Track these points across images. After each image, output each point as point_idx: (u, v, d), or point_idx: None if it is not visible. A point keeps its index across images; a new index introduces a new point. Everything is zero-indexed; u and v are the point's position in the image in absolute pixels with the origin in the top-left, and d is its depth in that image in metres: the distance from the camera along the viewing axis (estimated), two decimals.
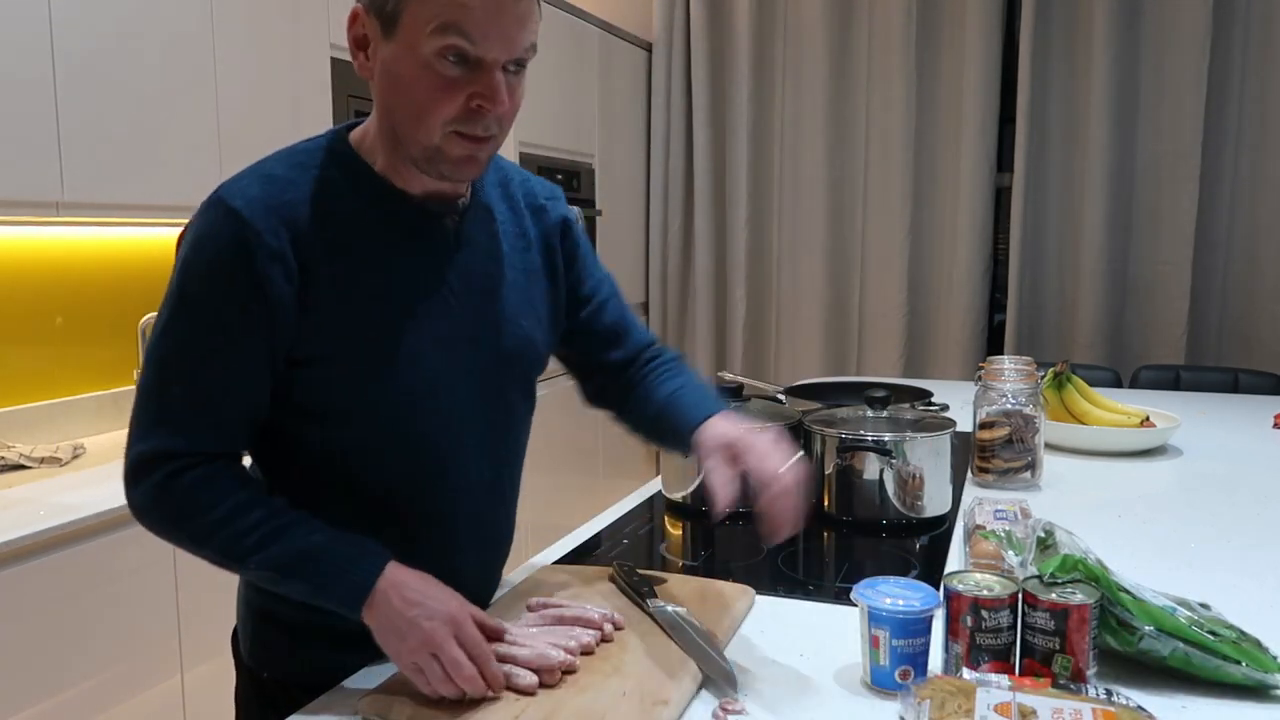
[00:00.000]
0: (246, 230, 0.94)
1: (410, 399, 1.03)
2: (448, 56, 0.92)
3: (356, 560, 0.97)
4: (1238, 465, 1.99)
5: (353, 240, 1.00)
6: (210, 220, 0.96)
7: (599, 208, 3.75)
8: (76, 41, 1.97)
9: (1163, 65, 3.57)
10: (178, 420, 0.98)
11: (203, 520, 0.97)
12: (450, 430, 1.07)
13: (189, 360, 0.97)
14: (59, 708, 1.72)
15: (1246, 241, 3.59)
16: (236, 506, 0.97)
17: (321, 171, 1.00)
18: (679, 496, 1.70)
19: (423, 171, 1.00)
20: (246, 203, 0.95)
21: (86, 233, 2.38)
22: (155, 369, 0.98)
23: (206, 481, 0.98)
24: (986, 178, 3.84)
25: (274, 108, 2.43)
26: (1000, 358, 1.88)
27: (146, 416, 0.98)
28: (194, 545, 0.99)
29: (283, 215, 0.96)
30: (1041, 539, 1.15)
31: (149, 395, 0.98)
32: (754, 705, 0.98)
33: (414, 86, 0.94)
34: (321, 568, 0.96)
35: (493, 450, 1.13)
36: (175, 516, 0.99)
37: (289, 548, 0.96)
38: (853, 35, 3.99)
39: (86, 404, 2.37)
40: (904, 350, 4.04)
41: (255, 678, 1.15)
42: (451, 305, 1.05)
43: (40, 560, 1.68)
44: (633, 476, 4.13)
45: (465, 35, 0.91)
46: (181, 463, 0.97)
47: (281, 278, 0.95)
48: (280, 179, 0.98)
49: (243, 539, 0.96)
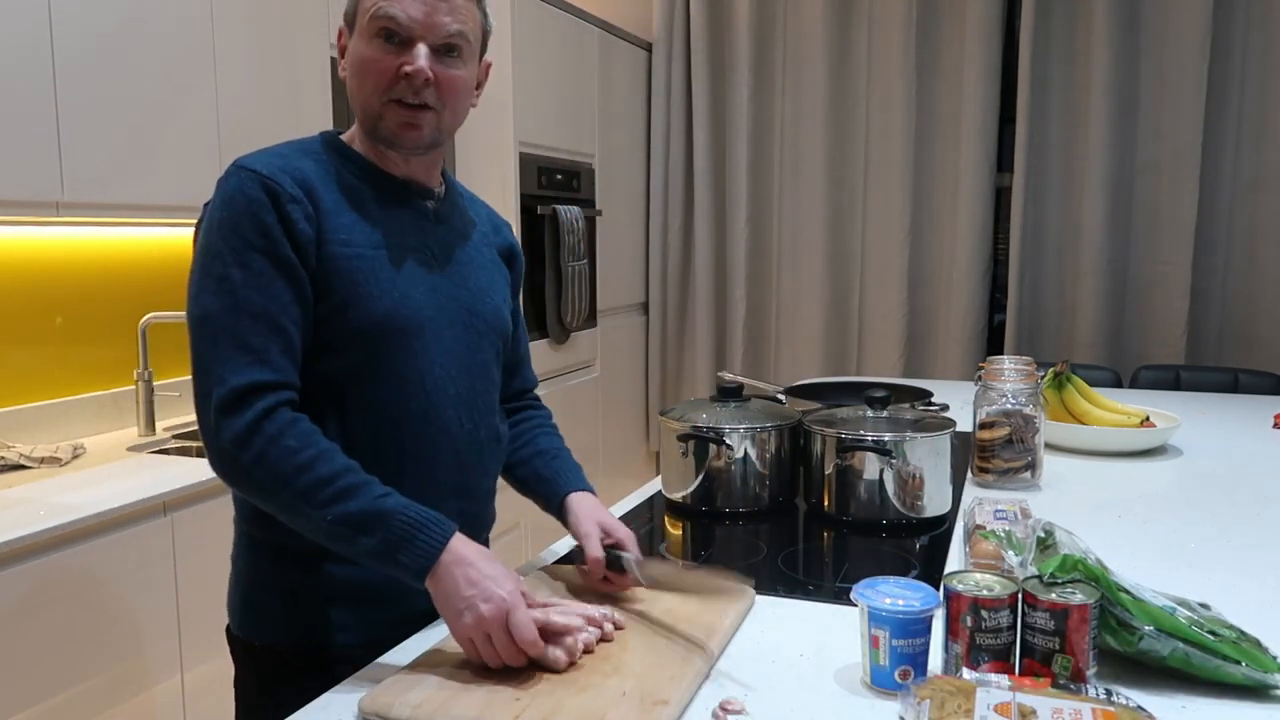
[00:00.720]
0: (269, 181, 1.09)
1: (400, 334, 1.14)
2: (380, 35, 1.11)
3: (426, 528, 1.03)
4: (1238, 465, 1.99)
5: (350, 203, 1.15)
6: (234, 182, 1.09)
7: (599, 208, 3.75)
8: (76, 41, 1.97)
9: (1163, 65, 3.57)
10: (258, 351, 1.05)
11: (292, 462, 1.03)
12: (434, 370, 1.18)
13: (253, 296, 1.06)
14: (59, 708, 1.72)
15: (1246, 241, 3.59)
16: (320, 454, 1.04)
17: (321, 156, 1.17)
18: (679, 496, 1.70)
19: (377, 143, 1.18)
20: (264, 165, 1.10)
21: (86, 233, 2.38)
22: (219, 315, 1.05)
23: (293, 425, 1.05)
24: (986, 178, 3.84)
25: (274, 108, 2.43)
26: (1000, 358, 1.88)
27: (223, 355, 1.05)
28: (279, 486, 1.03)
29: (294, 176, 1.11)
30: (1041, 539, 1.15)
31: (218, 338, 1.05)
32: (754, 705, 0.98)
33: (360, 66, 1.14)
34: (394, 530, 1.02)
35: (470, 401, 1.23)
36: (270, 455, 1.03)
37: (366, 504, 1.03)
38: (853, 35, 3.99)
39: (86, 404, 2.37)
40: (904, 350, 4.04)
41: (248, 649, 1.20)
42: (431, 265, 1.20)
43: (40, 560, 1.68)
44: (633, 476, 4.13)
45: (394, 20, 1.11)
46: (273, 397, 1.05)
47: (303, 219, 1.09)
48: (288, 155, 1.14)
49: (326, 487, 1.03)
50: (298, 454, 1.03)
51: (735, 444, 1.64)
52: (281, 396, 1.06)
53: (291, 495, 1.03)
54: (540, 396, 1.50)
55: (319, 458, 1.04)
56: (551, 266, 3.36)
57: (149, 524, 1.88)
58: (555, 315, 3.41)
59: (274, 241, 1.07)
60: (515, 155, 3.14)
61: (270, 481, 1.03)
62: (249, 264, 1.06)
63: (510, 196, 3.14)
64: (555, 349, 3.47)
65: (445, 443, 1.19)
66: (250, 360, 1.05)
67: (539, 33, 3.29)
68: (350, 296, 1.11)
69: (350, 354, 1.12)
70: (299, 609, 1.16)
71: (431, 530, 1.04)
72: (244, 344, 1.05)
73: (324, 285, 1.11)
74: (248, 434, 1.03)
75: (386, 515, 1.03)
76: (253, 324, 1.05)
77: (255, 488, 1.05)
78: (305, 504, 1.03)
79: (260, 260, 1.07)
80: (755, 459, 1.66)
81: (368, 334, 1.12)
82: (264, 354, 1.05)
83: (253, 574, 1.19)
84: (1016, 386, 1.80)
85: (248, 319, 1.05)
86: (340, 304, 1.11)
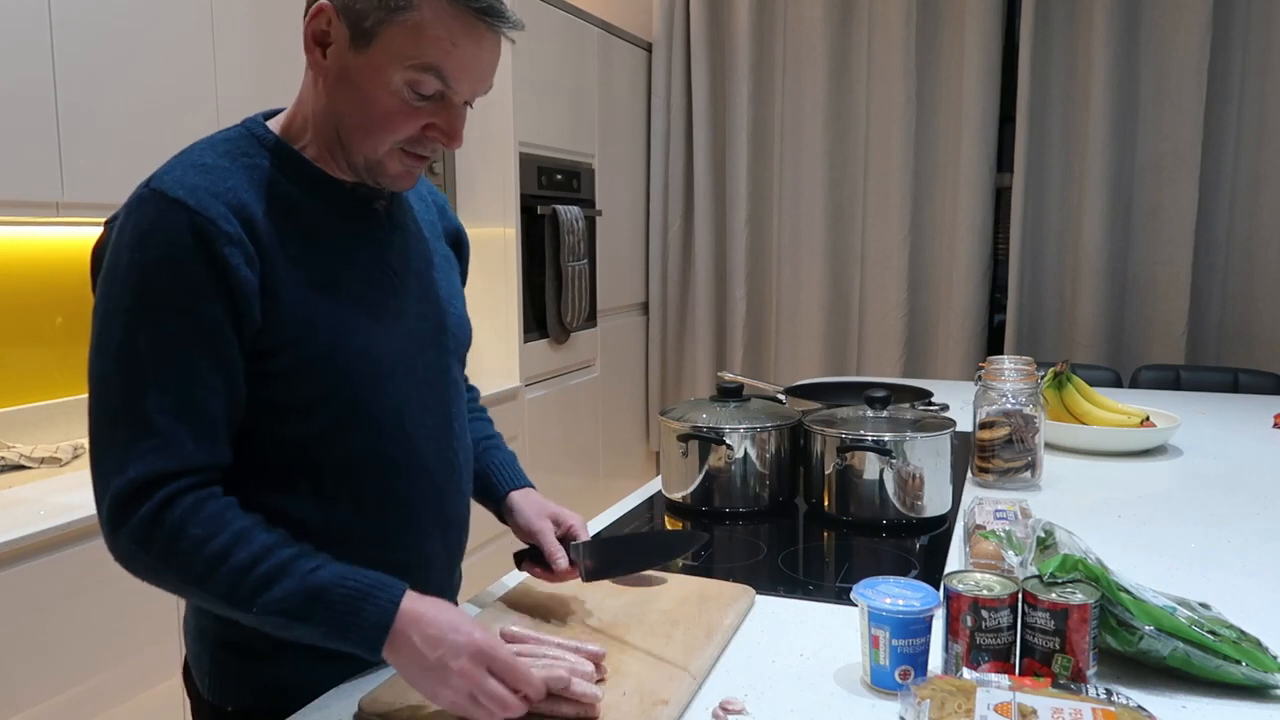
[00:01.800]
0: (197, 218, 0.90)
1: (374, 378, 1.02)
2: (414, 87, 0.94)
3: (370, 595, 0.90)
4: (1238, 465, 1.99)
5: (296, 226, 0.98)
6: (152, 214, 0.91)
7: (599, 208, 3.75)
8: (76, 41, 1.97)
9: (1163, 65, 3.57)
10: (161, 435, 0.90)
11: (202, 554, 0.89)
12: (410, 406, 1.06)
13: (164, 364, 0.90)
14: (59, 708, 1.72)
15: (1246, 241, 3.59)
16: (235, 539, 0.90)
17: (253, 159, 0.98)
18: (679, 496, 1.70)
19: (355, 174, 1.02)
20: (189, 191, 0.91)
21: (87, 233, 2.38)
22: (121, 386, 0.90)
23: (197, 509, 0.90)
24: (986, 178, 3.84)
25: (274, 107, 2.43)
26: (1000, 358, 1.88)
27: (120, 443, 0.90)
28: (193, 587, 0.92)
29: (228, 201, 0.93)
30: (1041, 539, 1.15)
31: (118, 418, 0.90)
32: (754, 705, 0.98)
33: (374, 104, 0.95)
34: (334, 609, 0.90)
35: (445, 426, 1.12)
36: (176, 550, 0.90)
37: (295, 587, 0.90)
38: (853, 35, 3.99)
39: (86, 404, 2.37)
40: (904, 350, 4.04)
41: (219, 713, 1.07)
42: (395, 285, 1.06)
43: (40, 560, 1.68)
44: (633, 476, 4.13)
45: (443, 79, 0.94)
46: (171, 488, 0.90)
47: (243, 263, 0.92)
48: (215, 167, 0.95)
49: (246, 575, 0.89)
50: (206, 544, 0.89)
51: (735, 444, 1.64)
52: (184, 484, 0.91)
53: (209, 593, 0.90)
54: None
55: (234, 543, 0.90)
56: (551, 266, 3.36)
57: None
58: (555, 315, 3.41)
59: (198, 298, 0.89)
60: (515, 155, 3.14)
61: (182, 580, 0.91)
62: (161, 328, 0.89)
63: (510, 196, 3.15)
64: (555, 349, 3.47)
65: (426, 481, 1.09)
66: (153, 446, 0.89)
67: (539, 33, 3.29)
68: (312, 351, 0.96)
69: (319, 411, 0.99)
70: (271, 672, 1.04)
71: (378, 596, 0.90)
72: (147, 426, 0.89)
73: (276, 338, 0.94)
74: (147, 529, 0.89)
75: (323, 592, 0.90)
76: (159, 399, 0.89)
77: (169, 586, 0.93)
78: (227, 602, 0.90)
79: (175, 323, 0.90)
80: (755, 459, 1.66)
81: (336, 387, 0.99)
82: (170, 438, 0.90)
83: (216, 634, 1.06)
84: (1016, 386, 1.80)
85: (155, 393, 0.89)
86: (301, 360, 0.96)
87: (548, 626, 1.14)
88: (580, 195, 3.62)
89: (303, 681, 1.01)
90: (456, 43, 0.93)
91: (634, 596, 1.22)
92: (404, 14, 0.91)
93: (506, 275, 3.16)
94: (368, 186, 1.04)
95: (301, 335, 0.96)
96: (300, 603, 0.90)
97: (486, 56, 0.96)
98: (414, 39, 0.92)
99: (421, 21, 0.91)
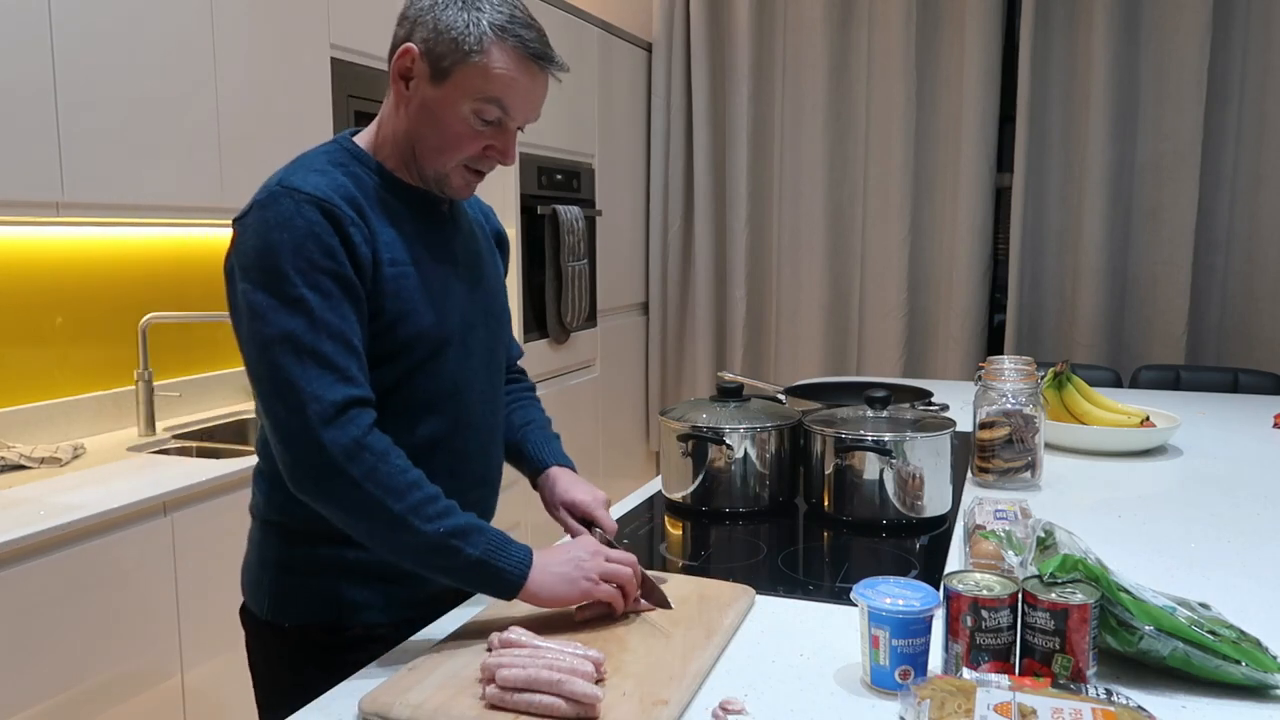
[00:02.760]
0: (326, 205, 1.10)
1: (440, 342, 1.20)
2: (482, 117, 1.15)
3: (511, 541, 1.12)
4: (1238, 465, 1.99)
5: (386, 219, 1.18)
6: (288, 206, 1.09)
7: (599, 208, 3.75)
8: (76, 41, 1.97)
9: (1163, 65, 3.57)
10: (343, 370, 1.08)
11: (404, 479, 1.08)
12: (467, 372, 1.25)
13: (330, 313, 1.08)
14: (59, 708, 1.72)
15: (1246, 241, 3.59)
16: (420, 474, 1.10)
17: (349, 168, 1.18)
18: (679, 496, 1.70)
19: (424, 184, 1.22)
20: (315, 187, 1.11)
21: (86, 233, 2.38)
22: (300, 334, 1.06)
23: (392, 445, 1.09)
24: (986, 177, 3.84)
25: (274, 108, 2.43)
26: (1000, 358, 1.88)
27: (310, 373, 1.06)
28: (391, 499, 1.06)
29: (343, 195, 1.13)
30: (1041, 539, 1.15)
31: (301, 356, 1.06)
32: (754, 705, 0.98)
33: (446, 129, 1.16)
34: (493, 537, 1.11)
35: (492, 397, 1.32)
36: (381, 470, 1.06)
37: (467, 519, 1.10)
38: (853, 35, 4.00)
39: (86, 404, 2.37)
40: (904, 350, 4.04)
41: (278, 631, 1.22)
42: (460, 273, 1.26)
43: (40, 560, 1.68)
44: (633, 476, 4.13)
45: (505, 109, 1.16)
46: (368, 415, 1.09)
47: (363, 241, 1.12)
48: (328, 171, 1.15)
49: (434, 502, 1.08)
50: (406, 472, 1.08)
51: (735, 444, 1.64)
52: (372, 415, 1.10)
53: (403, 509, 1.06)
54: (535, 386, 1.57)
55: (423, 477, 1.10)
56: (551, 266, 3.36)
57: (149, 524, 1.88)
58: (555, 315, 3.41)
59: (340, 264, 1.10)
60: (515, 156, 3.14)
61: (380, 495, 1.06)
62: (320, 286, 1.08)
63: (510, 196, 3.15)
64: (555, 349, 3.47)
65: (474, 438, 1.27)
66: (338, 378, 1.07)
67: None
68: (399, 314, 1.16)
69: (396, 364, 1.17)
70: (329, 590, 1.19)
71: (515, 543, 1.12)
72: (329, 363, 1.07)
73: (377, 304, 1.14)
74: (357, 448, 1.06)
75: (485, 528, 1.11)
76: (333, 344, 1.08)
77: (357, 500, 1.07)
78: (415, 517, 1.06)
79: (329, 282, 1.09)
80: (755, 459, 1.66)
81: (412, 347, 1.18)
82: (348, 372, 1.09)
83: (279, 559, 1.22)
84: (1016, 386, 1.80)
85: (328, 339, 1.08)
86: (391, 321, 1.15)
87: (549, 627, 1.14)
88: (580, 195, 3.62)
89: (352, 600, 1.19)
90: (516, 80, 1.14)
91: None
92: (475, 57, 1.13)
93: (507, 275, 3.16)
94: (432, 192, 1.24)
95: (392, 303, 1.15)
96: (472, 530, 1.09)
97: (539, 91, 1.18)
98: (483, 77, 1.13)
99: (489, 64, 1.13)
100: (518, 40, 1.13)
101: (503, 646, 1.01)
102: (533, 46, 1.14)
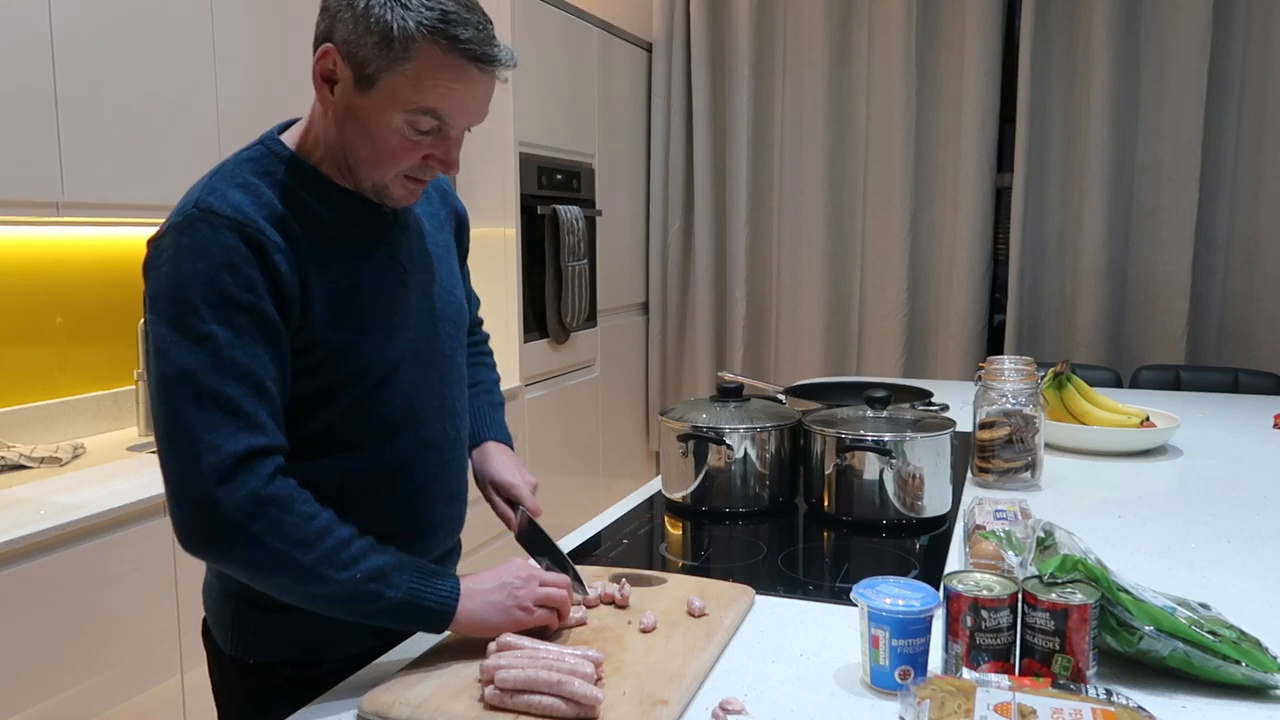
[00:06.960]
0: (249, 228, 1.00)
1: (388, 367, 1.12)
2: (417, 128, 1.03)
3: (437, 571, 1.06)
4: (1238, 465, 1.99)
5: (321, 235, 1.07)
6: (204, 232, 0.99)
7: (599, 208, 3.75)
8: (76, 41, 1.97)
9: (1163, 65, 3.57)
10: (248, 416, 0.98)
11: (312, 526, 0.99)
12: (424, 389, 1.17)
13: (238, 353, 0.98)
14: (59, 708, 1.72)
15: (1246, 241, 3.59)
16: (332, 518, 1.02)
17: (276, 176, 1.07)
18: (679, 496, 1.70)
19: (363, 193, 1.10)
20: (237, 208, 1.00)
21: (86, 233, 2.38)
22: (202, 375, 0.97)
23: (299, 490, 1.01)
24: (986, 177, 3.84)
25: (274, 108, 2.43)
26: (1000, 358, 1.88)
27: (211, 420, 0.97)
28: (299, 551, 0.98)
29: (269, 215, 1.02)
30: (1041, 539, 1.15)
31: (201, 401, 0.97)
32: (754, 705, 0.98)
33: (379, 140, 1.04)
34: (414, 575, 1.04)
35: (452, 408, 1.23)
36: (286, 521, 0.98)
37: (388, 559, 1.03)
38: (853, 35, 3.99)
39: (86, 404, 2.37)
40: (904, 350, 4.03)
41: (241, 666, 1.16)
42: (408, 282, 1.16)
43: (40, 560, 1.68)
44: (633, 476, 4.13)
45: (441, 119, 1.03)
46: (271, 463, 0.99)
47: (289, 269, 1.02)
48: (253, 185, 1.04)
49: (346, 546, 1.00)
50: (314, 518, 1.00)
51: (735, 444, 1.64)
52: (277, 462, 1.00)
53: (313, 560, 0.98)
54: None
55: (334, 520, 1.01)
56: (551, 266, 3.36)
57: (149, 524, 1.88)
58: (555, 315, 3.41)
59: (258, 298, 0.99)
60: (515, 155, 3.14)
61: (288, 549, 0.98)
62: (232, 322, 0.98)
63: (510, 196, 3.15)
64: (555, 349, 3.47)
65: (436, 456, 1.20)
66: (241, 425, 0.97)
67: (539, 33, 3.29)
68: (340, 344, 1.07)
69: (343, 398, 1.09)
70: (293, 625, 1.11)
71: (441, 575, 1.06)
72: (233, 407, 0.97)
73: (310, 336, 1.04)
74: (256, 502, 0.97)
75: (409, 562, 1.04)
76: (239, 386, 0.98)
77: (260, 558, 0.98)
78: (328, 566, 0.99)
79: (243, 318, 0.98)
80: (755, 459, 1.66)
81: (360, 376, 1.09)
82: (254, 419, 0.98)
83: (240, 590, 1.13)
84: (1016, 386, 1.80)
85: (233, 381, 0.97)
86: (330, 352, 1.06)
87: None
88: (580, 195, 3.62)
89: (317, 633, 1.11)
90: (451, 87, 1.01)
91: (634, 597, 1.22)
92: (402, 64, 0.99)
93: (506, 275, 3.16)
94: None
95: (331, 333, 1.06)
96: (390, 570, 1.02)
97: (480, 94, 1.04)
98: (412, 86, 1.00)
99: (419, 71, 0.99)
100: (451, 41, 0.98)
101: (501, 649, 1.01)
102: (468, 47, 0.99)
